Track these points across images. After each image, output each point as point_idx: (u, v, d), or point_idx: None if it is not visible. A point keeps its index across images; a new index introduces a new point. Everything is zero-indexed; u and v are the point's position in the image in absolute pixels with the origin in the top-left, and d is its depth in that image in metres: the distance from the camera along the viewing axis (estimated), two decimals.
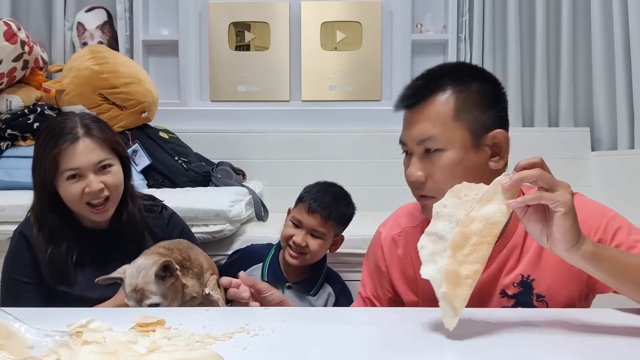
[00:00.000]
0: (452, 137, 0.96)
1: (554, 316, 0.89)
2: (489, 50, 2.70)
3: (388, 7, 2.88)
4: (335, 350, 0.74)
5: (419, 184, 0.98)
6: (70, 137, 1.25)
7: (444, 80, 0.98)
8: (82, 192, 1.25)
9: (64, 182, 1.25)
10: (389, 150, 2.66)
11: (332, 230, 1.54)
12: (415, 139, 0.98)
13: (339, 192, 1.61)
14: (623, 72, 2.54)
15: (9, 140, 2.21)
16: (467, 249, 0.78)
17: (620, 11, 2.54)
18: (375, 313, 0.90)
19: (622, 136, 2.55)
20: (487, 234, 0.78)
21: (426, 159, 0.98)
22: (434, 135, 0.96)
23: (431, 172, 0.97)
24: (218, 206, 1.84)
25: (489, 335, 0.79)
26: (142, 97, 2.30)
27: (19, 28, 2.21)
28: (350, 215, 1.61)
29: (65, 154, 1.24)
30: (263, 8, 2.87)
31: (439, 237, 0.80)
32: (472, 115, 0.97)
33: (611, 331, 0.81)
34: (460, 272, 0.77)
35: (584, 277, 0.98)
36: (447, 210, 0.82)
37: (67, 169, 1.24)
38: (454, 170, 0.95)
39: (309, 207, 1.52)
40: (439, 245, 0.80)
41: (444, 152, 0.96)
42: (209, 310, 0.93)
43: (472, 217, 0.79)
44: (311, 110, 2.80)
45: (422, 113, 0.98)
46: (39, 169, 1.28)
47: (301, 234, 1.51)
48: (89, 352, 0.65)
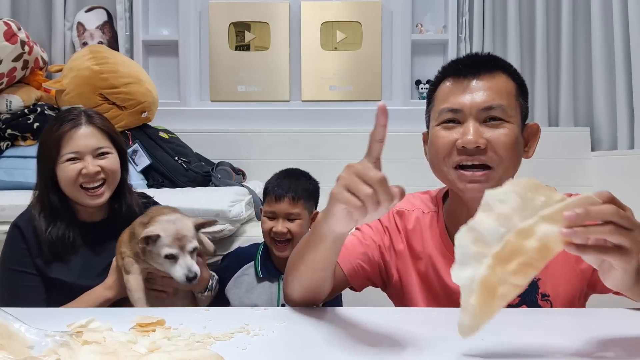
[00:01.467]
0: (514, 113, 0.98)
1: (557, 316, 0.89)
2: (488, 50, 2.69)
3: (388, 7, 2.88)
4: (335, 350, 0.74)
5: (479, 150, 0.95)
6: (73, 122, 1.34)
7: (502, 63, 1.01)
8: (78, 173, 1.30)
9: (63, 164, 1.31)
10: (389, 150, 2.68)
11: (304, 208, 1.57)
12: (481, 105, 0.96)
13: (296, 172, 1.66)
14: (623, 72, 2.54)
15: (9, 140, 2.21)
16: (512, 266, 0.65)
17: (620, 11, 2.54)
18: (376, 313, 0.90)
19: (622, 136, 2.56)
20: (540, 259, 0.65)
21: (486, 128, 0.96)
22: (503, 105, 0.96)
23: (495, 140, 0.95)
24: (218, 206, 1.84)
25: (489, 335, 0.79)
26: (142, 97, 2.30)
27: (19, 28, 2.21)
28: (316, 189, 1.66)
29: (67, 137, 1.32)
30: (263, 8, 2.88)
31: (482, 239, 0.67)
32: (523, 101, 1.01)
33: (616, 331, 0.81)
34: (497, 289, 0.65)
35: (586, 277, 0.98)
36: (504, 208, 0.66)
37: (68, 152, 1.31)
38: (513, 143, 0.96)
39: (276, 195, 1.56)
40: (479, 248, 0.67)
41: (507, 124, 0.96)
42: (209, 310, 0.93)
43: (532, 230, 0.65)
44: (311, 110, 2.80)
45: (488, 82, 0.97)
46: (43, 152, 1.35)
47: (279, 223, 1.54)
48: (89, 352, 0.65)
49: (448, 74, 1.02)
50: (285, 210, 1.55)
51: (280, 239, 1.54)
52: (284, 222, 1.55)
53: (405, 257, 1.08)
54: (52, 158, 1.32)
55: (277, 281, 1.59)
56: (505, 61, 1.03)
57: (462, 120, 0.97)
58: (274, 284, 1.58)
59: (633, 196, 2.31)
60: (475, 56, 1.04)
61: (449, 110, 0.99)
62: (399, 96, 2.84)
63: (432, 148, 1.02)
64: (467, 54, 1.05)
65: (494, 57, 1.03)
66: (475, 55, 1.05)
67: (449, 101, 0.99)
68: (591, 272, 0.97)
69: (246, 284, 1.59)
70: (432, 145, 1.02)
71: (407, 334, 0.80)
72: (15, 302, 1.27)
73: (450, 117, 0.99)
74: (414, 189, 1.06)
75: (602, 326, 0.83)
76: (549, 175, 2.51)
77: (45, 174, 1.34)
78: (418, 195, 1.14)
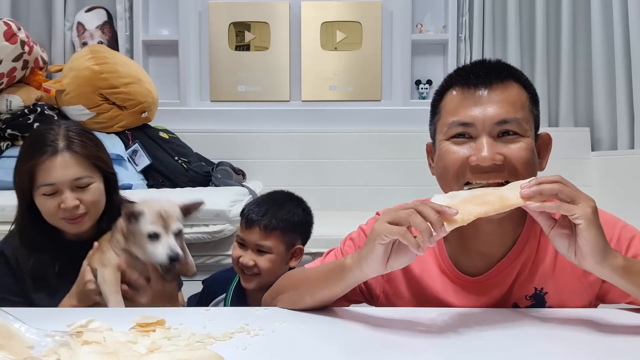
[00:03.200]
0: (529, 126, 0.92)
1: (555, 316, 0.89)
2: (489, 50, 2.70)
3: (388, 7, 2.88)
4: (335, 350, 0.74)
5: (495, 167, 0.88)
6: (50, 149, 1.20)
7: (513, 72, 0.95)
8: (57, 207, 1.19)
9: (40, 196, 1.21)
10: (389, 150, 2.69)
11: (279, 241, 1.34)
12: (495, 119, 0.89)
13: (281, 197, 1.42)
14: (623, 72, 2.54)
15: (9, 140, 2.21)
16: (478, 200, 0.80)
17: (620, 11, 2.54)
18: (375, 312, 0.90)
19: (622, 136, 2.56)
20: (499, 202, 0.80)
21: (499, 143, 0.89)
22: (519, 118, 0.89)
23: (511, 156, 0.88)
24: (218, 206, 1.84)
25: (489, 335, 0.79)
26: (142, 97, 2.30)
27: (19, 28, 2.21)
28: (301, 220, 1.40)
29: (41, 167, 1.19)
30: (263, 8, 2.88)
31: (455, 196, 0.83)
32: (535, 112, 0.95)
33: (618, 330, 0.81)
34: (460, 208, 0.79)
35: (594, 289, 0.95)
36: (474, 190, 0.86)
37: (43, 184, 1.19)
38: (531, 160, 0.90)
39: (247, 221, 1.35)
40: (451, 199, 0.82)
41: (523, 138, 0.90)
42: (209, 310, 0.94)
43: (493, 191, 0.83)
44: (311, 110, 2.80)
45: (503, 93, 0.91)
46: (17, 180, 1.25)
47: (247, 254, 1.34)
48: (89, 352, 0.65)
49: (456, 83, 0.94)
50: (254, 240, 1.33)
51: (246, 272, 1.35)
52: (252, 254, 1.33)
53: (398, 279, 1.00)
54: (28, 189, 1.21)
55: None
56: (516, 69, 0.97)
57: (474, 135, 0.90)
58: None
59: (633, 196, 2.32)
60: (484, 63, 0.96)
61: (459, 124, 0.91)
62: (399, 96, 2.84)
63: (440, 164, 0.95)
64: (476, 61, 0.97)
65: (504, 64, 0.96)
66: (485, 62, 0.96)
67: (458, 114, 0.91)
68: (600, 285, 0.94)
69: None
70: (441, 160, 0.94)
71: (407, 333, 0.80)
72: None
73: (460, 131, 0.91)
74: (414, 189, 1.06)
75: (602, 326, 0.83)
76: (549, 175, 2.51)
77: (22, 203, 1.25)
78: None
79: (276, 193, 1.46)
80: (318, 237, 1.87)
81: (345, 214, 2.24)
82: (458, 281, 0.97)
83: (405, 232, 0.76)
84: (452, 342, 0.76)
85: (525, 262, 0.97)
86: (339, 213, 2.44)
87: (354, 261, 0.84)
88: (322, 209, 2.57)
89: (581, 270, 0.81)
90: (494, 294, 0.97)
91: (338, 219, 2.04)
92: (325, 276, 0.90)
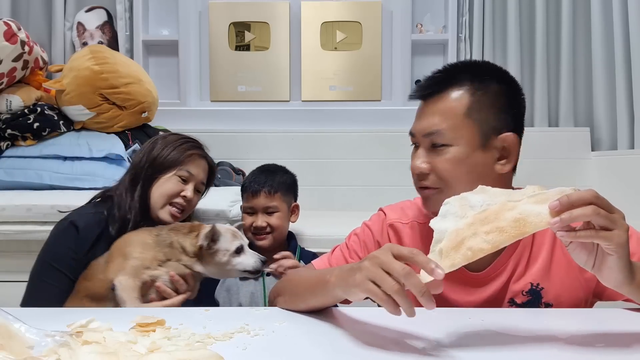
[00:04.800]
0: (460, 134, 0.95)
1: (555, 316, 0.89)
2: (489, 50, 2.70)
3: (388, 7, 2.88)
4: (335, 350, 0.74)
5: (422, 175, 0.98)
6: (203, 153, 1.49)
7: (464, 76, 0.97)
8: (179, 192, 1.40)
9: (174, 177, 1.40)
10: (389, 150, 2.69)
11: (282, 201, 1.61)
12: (423, 132, 0.98)
13: (272, 167, 1.70)
14: (623, 72, 2.54)
15: (9, 140, 2.20)
16: (488, 227, 0.71)
17: (620, 11, 2.54)
18: (376, 312, 0.90)
19: (622, 136, 2.56)
20: (516, 228, 0.70)
21: (432, 152, 0.98)
22: (442, 130, 0.96)
23: (435, 166, 0.97)
24: (218, 206, 1.84)
25: (489, 335, 0.79)
26: (142, 97, 2.30)
27: (19, 28, 2.21)
28: (292, 182, 1.69)
29: (195, 159, 1.45)
30: (263, 8, 2.88)
31: (468, 204, 0.75)
32: (484, 115, 0.95)
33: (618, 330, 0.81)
34: (466, 240, 0.71)
35: (591, 286, 0.97)
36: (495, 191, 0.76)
37: (187, 170, 1.42)
38: (457, 166, 0.95)
39: (252, 191, 1.61)
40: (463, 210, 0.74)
41: (450, 147, 0.96)
42: (209, 310, 0.93)
43: (515, 205, 0.72)
44: (311, 110, 2.80)
45: (434, 106, 0.98)
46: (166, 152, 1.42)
47: (258, 217, 1.59)
48: (89, 352, 0.65)
49: (413, 94, 1.04)
50: (262, 204, 1.59)
51: (260, 233, 1.59)
52: (263, 216, 1.59)
53: None
54: (173, 165, 1.41)
55: (262, 278, 1.58)
56: (468, 72, 0.98)
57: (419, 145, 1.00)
58: (259, 282, 1.58)
59: (633, 196, 2.32)
60: (432, 76, 1.01)
61: (410, 134, 1.02)
62: (399, 96, 2.84)
63: None
64: (431, 72, 1.02)
65: (450, 72, 0.99)
66: (434, 74, 1.01)
67: (412, 125, 1.02)
68: (596, 281, 0.93)
69: (231, 285, 1.59)
70: None
71: (407, 333, 0.80)
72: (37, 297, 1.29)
73: (412, 141, 1.03)
74: (413, 189, 1.06)
75: (602, 326, 0.83)
76: (549, 175, 2.51)
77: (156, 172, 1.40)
78: (415, 203, 1.12)
79: (265, 165, 1.71)
80: (318, 237, 1.88)
81: (345, 214, 2.24)
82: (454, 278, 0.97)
83: (386, 300, 0.71)
84: (452, 342, 0.76)
85: (521, 258, 0.99)
86: (339, 213, 2.44)
87: (337, 280, 0.82)
88: (322, 209, 2.59)
89: (577, 267, 0.80)
90: (490, 290, 0.98)
91: (338, 219, 2.05)
92: (314, 288, 0.90)
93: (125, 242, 1.29)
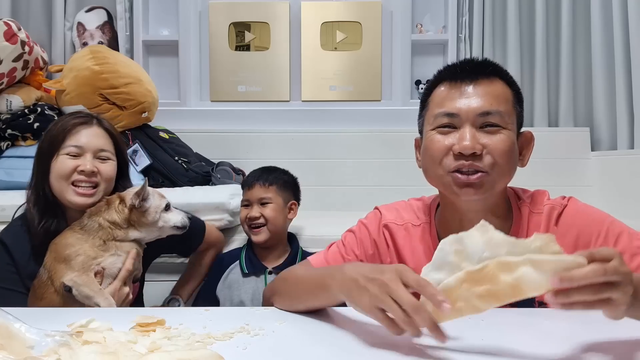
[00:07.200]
0: (511, 120, 0.96)
1: (555, 316, 0.89)
2: (488, 50, 2.70)
3: (388, 7, 2.88)
4: (335, 350, 0.74)
5: (475, 156, 0.93)
6: (84, 119, 1.37)
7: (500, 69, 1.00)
8: (74, 168, 1.30)
9: (62, 156, 1.31)
10: (389, 150, 2.69)
11: (277, 194, 1.65)
12: (479, 110, 0.94)
13: (271, 167, 1.74)
14: (623, 72, 2.54)
15: (9, 140, 2.20)
16: (480, 290, 0.67)
17: (620, 11, 2.54)
18: None
19: (622, 136, 2.55)
20: (508, 295, 0.66)
21: (482, 133, 0.94)
22: (501, 111, 0.94)
23: (493, 146, 0.93)
24: (218, 199, 1.85)
25: (488, 335, 0.79)
26: (142, 97, 2.30)
27: (19, 28, 2.21)
28: (291, 181, 1.72)
29: (74, 130, 1.34)
30: (263, 8, 2.88)
31: (464, 253, 0.69)
32: (520, 109, 1.00)
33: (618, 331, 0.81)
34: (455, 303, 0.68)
35: None
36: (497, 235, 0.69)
37: (71, 145, 1.32)
38: (510, 151, 0.95)
39: (249, 184, 1.67)
40: (458, 259, 0.69)
41: (503, 130, 0.95)
42: (209, 310, 0.94)
43: (514, 267, 0.65)
44: (311, 110, 2.80)
45: (487, 87, 0.96)
46: (46, 140, 1.35)
47: (253, 209, 1.63)
48: (89, 352, 0.65)
49: (444, 78, 1.00)
50: (257, 195, 1.64)
51: (254, 225, 1.61)
52: (257, 207, 1.63)
53: None
54: (55, 147, 1.32)
55: (263, 275, 1.60)
56: (502, 67, 1.02)
57: (459, 126, 0.96)
58: (260, 278, 1.59)
59: (633, 196, 2.32)
60: (472, 61, 1.01)
61: (445, 115, 0.97)
62: (399, 96, 2.84)
63: (426, 153, 1.00)
64: (464, 59, 1.03)
65: (491, 62, 1.01)
66: (472, 60, 1.02)
67: (445, 105, 0.97)
68: None
69: (233, 281, 1.60)
70: (427, 150, 0.99)
71: (407, 333, 0.80)
72: None
73: (446, 121, 0.97)
74: (414, 189, 1.06)
75: (601, 327, 0.83)
76: (549, 175, 2.51)
77: (44, 163, 1.33)
78: (410, 205, 1.12)
79: (268, 166, 1.76)
80: (318, 237, 1.88)
81: (345, 214, 2.24)
82: None
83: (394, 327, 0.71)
84: (452, 342, 0.76)
85: None
86: (339, 213, 2.44)
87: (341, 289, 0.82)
88: (322, 209, 2.59)
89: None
90: None
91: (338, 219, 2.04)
92: (314, 290, 0.90)
93: (58, 249, 1.26)
